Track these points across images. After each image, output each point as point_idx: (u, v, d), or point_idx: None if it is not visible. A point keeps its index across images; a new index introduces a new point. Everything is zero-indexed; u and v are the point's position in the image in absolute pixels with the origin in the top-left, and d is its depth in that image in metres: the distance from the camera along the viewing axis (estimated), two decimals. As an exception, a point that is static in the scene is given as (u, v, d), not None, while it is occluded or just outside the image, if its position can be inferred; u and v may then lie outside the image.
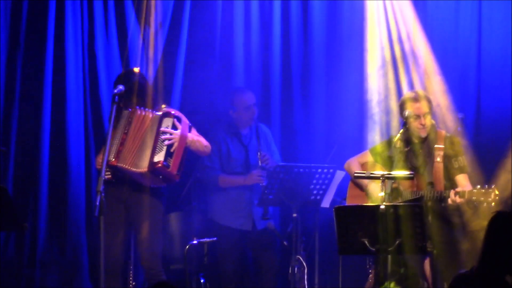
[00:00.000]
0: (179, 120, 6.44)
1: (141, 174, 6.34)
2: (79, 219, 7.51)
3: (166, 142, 6.33)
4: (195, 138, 6.55)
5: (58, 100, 7.55)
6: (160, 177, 6.37)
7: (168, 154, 6.34)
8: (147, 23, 7.81)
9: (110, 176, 6.31)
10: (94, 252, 7.39)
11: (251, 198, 7.05)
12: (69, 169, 7.49)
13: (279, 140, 7.67)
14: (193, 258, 7.04)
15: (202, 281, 7.16)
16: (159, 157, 6.31)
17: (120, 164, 6.30)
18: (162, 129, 6.36)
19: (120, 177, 6.37)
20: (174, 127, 6.41)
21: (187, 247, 7.03)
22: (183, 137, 6.42)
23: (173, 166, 6.34)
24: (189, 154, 6.61)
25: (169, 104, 7.70)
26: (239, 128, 7.23)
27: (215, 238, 7.07)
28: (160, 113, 6.44)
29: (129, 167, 6.32)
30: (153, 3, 7.81)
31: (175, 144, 6.36)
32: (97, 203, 5.55)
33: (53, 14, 7.57)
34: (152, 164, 6.29)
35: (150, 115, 6.42)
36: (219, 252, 7.17)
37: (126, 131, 6.35)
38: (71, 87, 7.59)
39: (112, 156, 6.28)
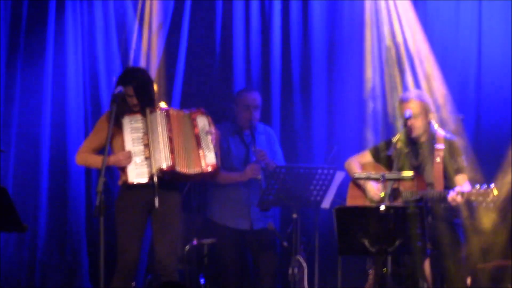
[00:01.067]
0: (207, 115, 6.39)
1: (195, 175, 6.28)
2: (79, 220, 7.51)
3: (214, 142, 6.28)
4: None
5: (58, 100, 7.55)
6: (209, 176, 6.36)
7: (216, 153, 6.31)
8: (147, 23, 7.81)
9: (148, 180, 6.19)
10: (94, 252, 7.39)
11: (249, 198, 7.05)
12: (69, 169, 7.49)
13: (279, 140, 7.67)
14: (193, 258, 7.05)
15: (202, 281, 7.17)
16: (212, 158, 6.25)
17: (178, 168, 6.20)
18: (201, 130, 6.27)
19: (166, 180, 6.26)
20: (210, 124, 6.35)
21: (187, 247, 7.04)
22: (219, 135, 6.43)
23: (220, 163, 6.37)
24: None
25: (169, 104, 7.71)
26: (242, 127, 7.21)
27: (215, 239, 7.07)
28: (187, 111, 6.37)
29: (186, 171, 6.23)
30: (153, 3, 7.82)
31: (215, 142, 6.33)
32: (97, 204, 5.55)
33: (53, 14, 7.58)
34: (206, 167, 6.22)
35: (182, 113, 6.35)
36: (218, 252, 7.16)
37: (170, 134, 6.24)
38: (71, 87, 7.59)
39: (166, 161, 6.16)
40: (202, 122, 6.34)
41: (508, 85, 7.51)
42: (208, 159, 6.25)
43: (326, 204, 6.71)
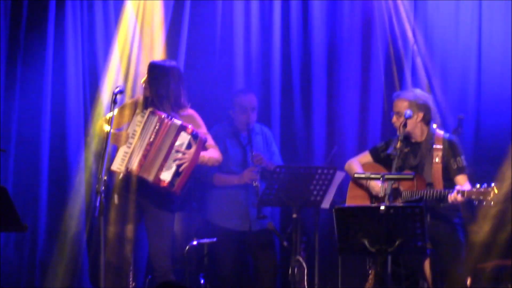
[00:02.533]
0: (195, 137, 6.37)
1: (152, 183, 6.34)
2: (79, 219, 7.50)
3: (177, 162, 6.28)
4: (207, 157, 6.50)
5: (58, 100, 7.54)
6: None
7: (177, 174, 6.29)
8: (147, 23, 7.81)
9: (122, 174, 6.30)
10: (94, 252, 7.39)
11: (247, 199, 7.06)
12: (69, 169, 7.49)
13: (278, 140, 7.67)
14: (193, 259, 7.04)
15: (202, 282, 7.17)
16: (166, 176, 6.27)
17: (142, 174, 6.28)
18: (176, 146, 6.28)
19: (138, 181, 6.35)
20: (189, 146, 6.33)
21: (187, 248, 7.04)
22: (195, 159, 6.37)
23: (178, 186, 6.30)
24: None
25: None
26: (239, 129, 7.22)
27: (214, 239, 7.07)
28: (179, 122, 6.35)
29: (147, 177, 6.30)
30: (153, 3, 7.81)
31: (185, 165, 6.31)
32: (97, 203, 5.55)
33: (53, 14, 7.57)
34: (158, 179, 6.26)
35: (173, 124, 6.34)
36: (217, 253, 7.16)
37: (152, 140, 6.29)
38: (71, 86, 7.58)
39: (135, 165, 6.25)
40: (182, 140, 6.33)
41: (508, 85, 7.51)
42: (163, 174, 6.27)
43: (326, 204, 6.70)
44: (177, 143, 6.32)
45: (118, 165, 6.34)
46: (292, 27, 8.04)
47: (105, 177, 5.84)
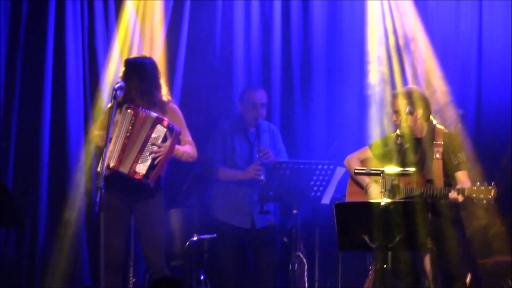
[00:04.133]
0: (171, 131, 6.32)
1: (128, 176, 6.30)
2: (79, 216, 7.50)
3: (152, 156, 6.24)
4: (181, 150, 6.45)
5: (58, 99, 7.55)
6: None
7: (151, 167, 6.24)
8: (147, 22, 7.82)
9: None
10: (94, 249, 7.38)
11: (251, 196, 7.03)
12: (69, 166, 7.49)
13: (281, 137, 7.67)
14: (193, 254, 7.04)
15: (202, 277, 7.16)
16: (142, 168, 6.23)
17: (121, 169, 6.24)
18: (152, 139, 6.24)
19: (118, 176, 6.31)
20: (165, 139, 6.28)
21: (188, 243, 7.04)
22: (170, 152, 6.33)
23: (152, 178, 6.26)
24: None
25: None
26: (247, 125, 7.20)
27: (215, 235, 7.06)
28: (154, 115, 6.31)
29: (122, 169, 6.25)
30: (153, 3, 7.83)
31: (160, 158, 6.27)
32: (97, 199, 5.54)
33: (53, 14, 7.58)
34: (133, 172, 6.22)
35: (150, 116, 6.30)
36: (218, 249, 7.15)
37: (128, 134, 6.25)
38: (71, 87, 7.59)
39: (113, 161, 6.22)
40: (158, 133, 6.28)
41: (508, 84, 7.53)
42: (139, 167, 6.24)
43: (326, 199, 6.71)
44: (153, 136, 6.26)
45: (101, 166, 6.19)
46: (292, 27, 8.05)
47: (106, 173, 5.84)
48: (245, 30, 8.02)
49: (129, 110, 6.29)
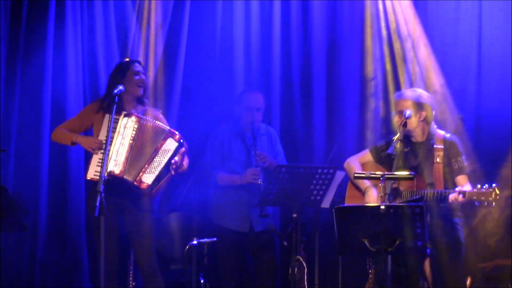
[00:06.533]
0: (181, 146, 6.34)
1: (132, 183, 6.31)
2: (79, 219, 7.51)
3: (160, 168, 6.23)
4: (185, 166, 6.48)
5: (58, 100, 7.54)
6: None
7: (158, 179, 6.28)
8: (147, 23, 7.82)
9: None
10: (94, 252, 7.38)
11: (249, 200, 7.02)
12: (69, 169, 7.49)
13: (278, 140, 7.66)
14: (193, 258, 7.03)
15: (202, 281, 7.16)
16: (148, 179, 6.25)
17: (126, 177, 6.24)
18: (162, 151, 6.25)
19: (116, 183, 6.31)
20: (175, 153, 6.31)
21: (187, 247, 7.03)
22: (180, 168, 6.38)
23: (156, 190, 6.30)
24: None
25: (169, 104, 7.72)
26: (244, 128, 7.20)
27: (215, 239, 7.05)
28: (167, 128, 6.33)
29: (127, 177, 6.26)
30: (153, 3, 7.82)
31: (170, 174, 6.31)
32: (97, 204, 5.54)
33: (53, 14, 7.58)
34: (139, 181, 6.23)
35: (160, 128, 6.32)
36: (218, 253, 7.15)
37: (132, 142, 6.25)
38: (71, 87, 7.58)
39: (119, 167, 6.21)
40: (169, 146, 6.31)
41: (508, 85, 7.51)
42: (145, 176, 6.26)
43: (326, 203, 6.71)
44: (163, 148, 6.29)
45: (94, 173, 6.25)
46: (292, 27, 8.04)
47: (106, 177, 5.84)
48: (245, 30, 8.01)
49: (132, 118, 6.28)
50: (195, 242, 7.01)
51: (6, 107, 7.44)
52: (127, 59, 6.80)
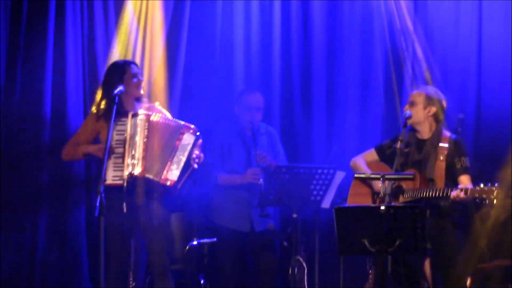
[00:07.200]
0: (198, 138, 6.34)
1: (158, 182, 6.29)
2: (79, 220, 7.50)
3: (183, 162, 6.23)
4: (202, 157, 6.48)
5: (58, 100, 7.54)
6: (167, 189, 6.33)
7: (182, 174, 6.26)
8: (147, 23, 7.82)
9: (121, 182, 6.19)
10: (94, 252, 7.38)
11: (249, 199, 7.02)
12: (69, 168, 7.48)
13: (278, 140, 7.66)
14: (193, 258, 7.04)
15: (202, 281, 7.17)
16: (172, 176, 6.25)
17: (147, 175, 6.23)
18: (182, 146, 6.25)
19: (136, 185, 6.28)
20: (193, 146, 6.31)
21: (187, 247, 7.04)
22: (200, 160, 6.39)
23: (181, 185, 6.30)
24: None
25: (169, 104, 7.71)
26: (244, 128, 7.20)
27: (215, 239, 7.06)
28: (181, 122, 6.33)
29: (153, 177, 6.25)
30: (153, 3, 7.82)
31: (192, 167, 6.31)
32: (97, 204, 5.54)
33: (53, 14, 7.57)
34: (164, 179, 6.22)
35: (172, 124, 6.33)
36: (218, 253, 7.15)
37: (146, 140, 6.25)
38: (71, 87, 7.58)
39: (138, 167, 6.19)
40: (188, 140, 6.31)
41: (508, 85, 7.52)
42: (171, 174, 6.25)
43: (326, 203, 6.71)
44: (182, 143, 6.29)
45: (113, 177, 6.24)
46: (292, 27, 8.05)
47: (105, 178, 5.83)
48: (245, 30, 8.01)
49: (141, 117, 6.28)
50: (195, 242, 7.03)
51: (6, 107, 7.44)
52: (121, 60, 6.79)
